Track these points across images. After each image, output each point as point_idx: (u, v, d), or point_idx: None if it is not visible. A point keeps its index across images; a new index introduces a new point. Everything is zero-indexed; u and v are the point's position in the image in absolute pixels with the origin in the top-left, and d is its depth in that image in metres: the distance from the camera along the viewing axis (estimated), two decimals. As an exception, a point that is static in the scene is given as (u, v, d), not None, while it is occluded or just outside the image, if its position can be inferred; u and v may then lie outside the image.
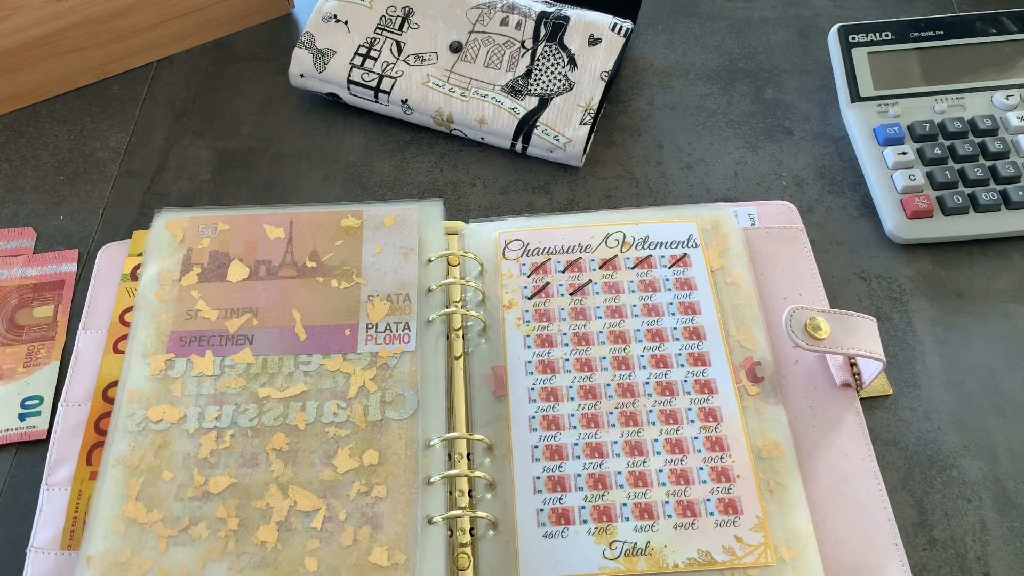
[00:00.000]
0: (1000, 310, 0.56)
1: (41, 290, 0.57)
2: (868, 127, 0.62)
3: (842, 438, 0.50)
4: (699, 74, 0.70)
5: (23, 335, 0.55)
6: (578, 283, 0.56)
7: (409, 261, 0.55)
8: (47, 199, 0.63)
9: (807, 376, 0.52)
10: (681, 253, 0.57)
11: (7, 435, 0.52)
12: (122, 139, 0.66)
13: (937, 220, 0.59)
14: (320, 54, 0.65)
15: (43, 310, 0.56)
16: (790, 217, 0.59)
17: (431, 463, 0.48)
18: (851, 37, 0.65)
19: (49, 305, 0.56)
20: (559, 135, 0.62)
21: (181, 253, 0.56)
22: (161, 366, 0.51)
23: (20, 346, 0.55)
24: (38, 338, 0.55)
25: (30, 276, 0.58)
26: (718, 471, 0.48)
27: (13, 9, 0.62)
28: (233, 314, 0.53)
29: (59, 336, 0.56)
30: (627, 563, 0.46)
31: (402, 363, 0.51)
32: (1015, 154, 0.61)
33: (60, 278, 0.58)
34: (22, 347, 0.55)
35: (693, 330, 0.53)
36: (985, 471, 0.50)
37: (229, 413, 0.50)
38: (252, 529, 0.46)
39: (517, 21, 0.65)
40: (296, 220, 0.57)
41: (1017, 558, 0.47)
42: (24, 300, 0.57)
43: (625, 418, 0.50)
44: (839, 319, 0.50)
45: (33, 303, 0.57)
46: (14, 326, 0.56)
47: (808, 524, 0.47)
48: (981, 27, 0.65)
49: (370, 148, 0.66)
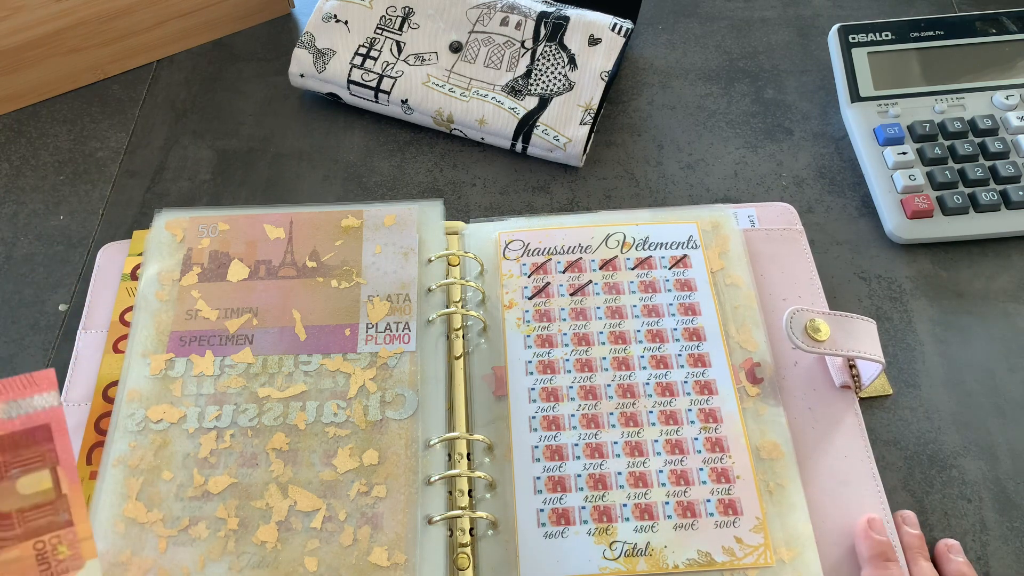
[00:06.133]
0: (1000, 310, 0.56)
1: (15, 447, 0.35)
2: (868, 127, 0.62)
3: (841, 439, 0.50)
4: (699, 74, 0.70)
5: (15, 526, 0.35)
6: (578, 283, 0.55)
7: (409, 261, 0.55)
8: (47, 199, 0.63)
9: (806, 378, 0.52)
10: (681, 254, 0.57)
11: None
12: (122, 139, 0.66)
13: (937, 220, 0.59)
14: (320, 54, 0.65)
15: (32, 480, 0.35)
16: (790, 219, 0.59)
17: (431, 463, 0.48)
18: (851, 37, 0.65)
19: (40, 470, 0.35)
20: (559, 135, 0.62)
21: (181, 253, 0.56)
22: (161, 366, 0.51)
23: (19, 546, 0.35)
24: (42, 528, 0.35)
25: None
26: (718, 472, 0.48)
27: (13, 9, 0.62)
28: (233, 314, 0.53)
29: (80, 523, 0.35)
30: (627, 563, 0.46)
31: (402, 363, 0.51)
32: (1015, 154, 0.61)
33: (43, 419, 0.35)
34: (25, 546, 0.35)
35: (693, 331, 0.53)
36: (985, 471, 0.50)
37: (229, 413, 0.50)
38: (252, 529, 0.46)
39: (517, 21, 0.65)
40: (296, 220, 0.57)
41: (1017, 558, 0.47)
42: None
43: (625, 419, 0.50)
44: (839, 321, 0.50)
45: (10, 471, 0.35)
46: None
47: (807, 525, 0.47)
48: (981, 27, 0.65)
49: (370, 148, 0.66)
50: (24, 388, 0.35)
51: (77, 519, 0.35)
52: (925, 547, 0.47)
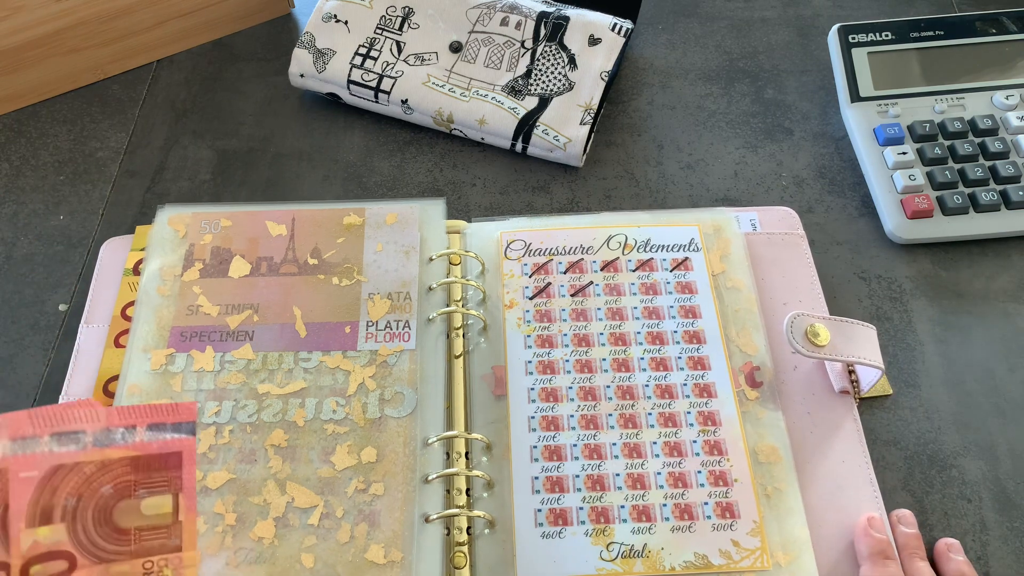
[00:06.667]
0: (1000, 310, 0.56)
1: (148, 469, 0.37)
2: (868, 127, 0.62)
3: (840, 444, 0.50)
4: (699, 74, 0.70)
5: (130, 543, 0.37)
6: (579, 284, 0.55)
7: (410, 259, 0.55)
8: (47, 199, 0.63)
9: (806, 382, 0.52)
10: (683, 256, 0.56)
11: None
12: (122, 139, 0.67)
13: (937, 220, 0.59)
14: (320, 54, 0.65)
15: (156, 502, 0.37)
16: (791, 223, 0.59)
17: (429, 461, 0.48)
18: (851, 37, 0.65)
19: (164, 494, 0.37)
20: (559, 135, 0.62)
21: (183, 248, 0.56)
22: (162, 361, 0.51)
23: (130, 562, 0.37)
24: (154, 549, 0.37)
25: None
26: (716, 475, 0.48)
27: (13, 9, 0.62)
28: (234, 310, 0.53)
29: (188, 550, 0.37)
30: (624, 565, 0.46)
31: (402, 361, 0.51)
32: (1015, 154, 0.61)
33: (177, 447, 0.37)
34: (135, 564, 0.37)
35: (693, 334, 0.53)
36: (985, 471, 0.50)
37: (228, 409, 0.50)
38: (249, 525, 0.46)
39: (517, 21, 0.65)
40: (298, 217, 0.57)
41: (1017, 558, 0.47)
42: (123, 487, 0.37)
43: (624, 420, 0.50)
44: (839, 326, 0.50)
45: (138, 490, 0.37)
46: (116, 531, 0.36)
47: (804, 529, 0.47)
48: (981, 27, 0.65)
49: (370, 148, 0.66)
50: (167, 415, 0.37)
51: (186, 546, 0.37)
52: (922, 546, 0.47)
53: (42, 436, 0.35)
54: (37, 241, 0.61)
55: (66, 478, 0.36)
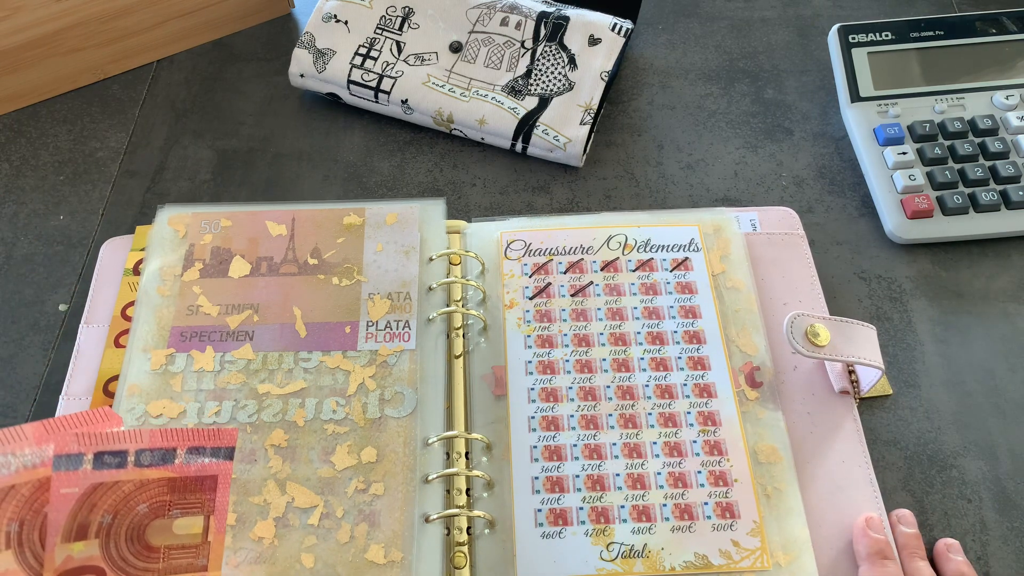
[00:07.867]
0: (1000, 310, 0.56)
1: (183, 491, 0.38)
2: (868, 127, 0.62)
3: (840, 444, 0.50)
4: (699, 74, 0.70)
5: (159, 560, 0.38)
6: (579, 284, 0.55)
7: (410, 259, 0.55)
8: (47, 199, 0.63)
9: (806, 382, 0.52)
10: (683, 257, 0.56)
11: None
12: (122, 139, 0.67)
13: (937, 220, 0.59)
14: (320, 54, 0.65)
15: (187, 522, 0.38)
16: (791, 223, 0.59)
17: (429, 461, 0.48)
18: (851, 37, 0.65)
19: (196, 516, 0.38)
20: (559, 135, 0.62)
21: (183, 248, 0.56)
22: (162, 361, 0.51)
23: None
24: (181, 568, 0.38)
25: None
26: (716, 475, 0.48)
27: (13, 9, 0.62)
28: (234, 310, 0.53)
29: (213, 571, 0.39)
30: (624, 565, 0.46)
31: (402, 361, 0.51)
32: (1015, 154, 0.61)
33: (213, 471, 0.38)
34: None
35: (693, 334, 0.53)
36: (985, 471, 0.50)
37: (228, 409, 0.50)
38: (249, 525, 0.46)
39: (517, 21, 0.65)
40: (298, 217, 0.57)
41: (1017, 558, 0.47)
42: (158, 506, 0.38)
43: (624, 420, 0.50)
44: (839, 326, 0.50)
45: (172, 510, 0.38)
46: (146, 548, 0.38)
47: (804, 529, 0.47)
48: (981, 27, 0.65)
49: (370, 148, 0.66)
50: (207, 439, 0.39)
51: (212, 567, 0.38)
52: (922, 546, 0.47)
53: (87, 454, 0.36)
54: (37, 241, 0.61)
55: (104, 496, 0.36)
